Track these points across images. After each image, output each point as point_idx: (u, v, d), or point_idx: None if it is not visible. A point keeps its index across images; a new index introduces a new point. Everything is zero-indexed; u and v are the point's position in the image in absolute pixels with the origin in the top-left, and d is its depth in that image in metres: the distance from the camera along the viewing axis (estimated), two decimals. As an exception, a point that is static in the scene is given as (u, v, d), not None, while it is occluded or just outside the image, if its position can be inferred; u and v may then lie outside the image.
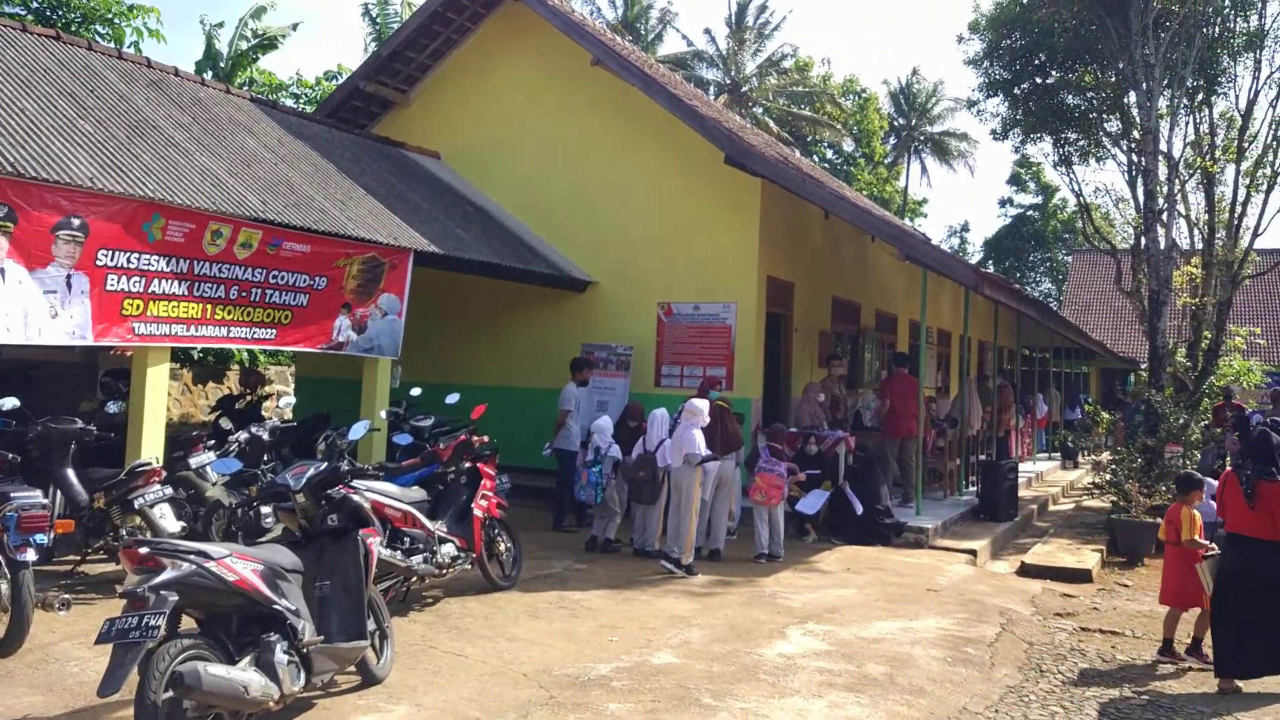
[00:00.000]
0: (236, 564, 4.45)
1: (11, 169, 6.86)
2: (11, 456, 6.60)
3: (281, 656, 4.47)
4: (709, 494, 9.23)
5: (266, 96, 16.14)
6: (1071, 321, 23.79)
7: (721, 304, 12.19)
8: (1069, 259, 43.73)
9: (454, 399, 9.40)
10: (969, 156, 48.91)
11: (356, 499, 5.43)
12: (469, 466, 7.68)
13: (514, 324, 13.44)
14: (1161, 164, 14.93)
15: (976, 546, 10.45)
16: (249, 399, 12.13)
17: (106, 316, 7.52)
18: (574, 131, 13.33)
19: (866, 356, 16.09)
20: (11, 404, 7.30)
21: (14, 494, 5.74)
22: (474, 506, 7.41)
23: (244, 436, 8.90)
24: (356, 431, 6.86)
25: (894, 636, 6.99)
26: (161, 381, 8.23)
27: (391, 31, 17.59)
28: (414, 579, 7.01)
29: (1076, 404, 24.49)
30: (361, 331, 9.75)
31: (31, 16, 14.03)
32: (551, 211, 13.33)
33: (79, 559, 7.45)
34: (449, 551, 7.04)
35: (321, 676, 4.88)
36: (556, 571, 8.60)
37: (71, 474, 7.27)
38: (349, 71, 17.95)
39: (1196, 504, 7.10)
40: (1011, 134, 18.82)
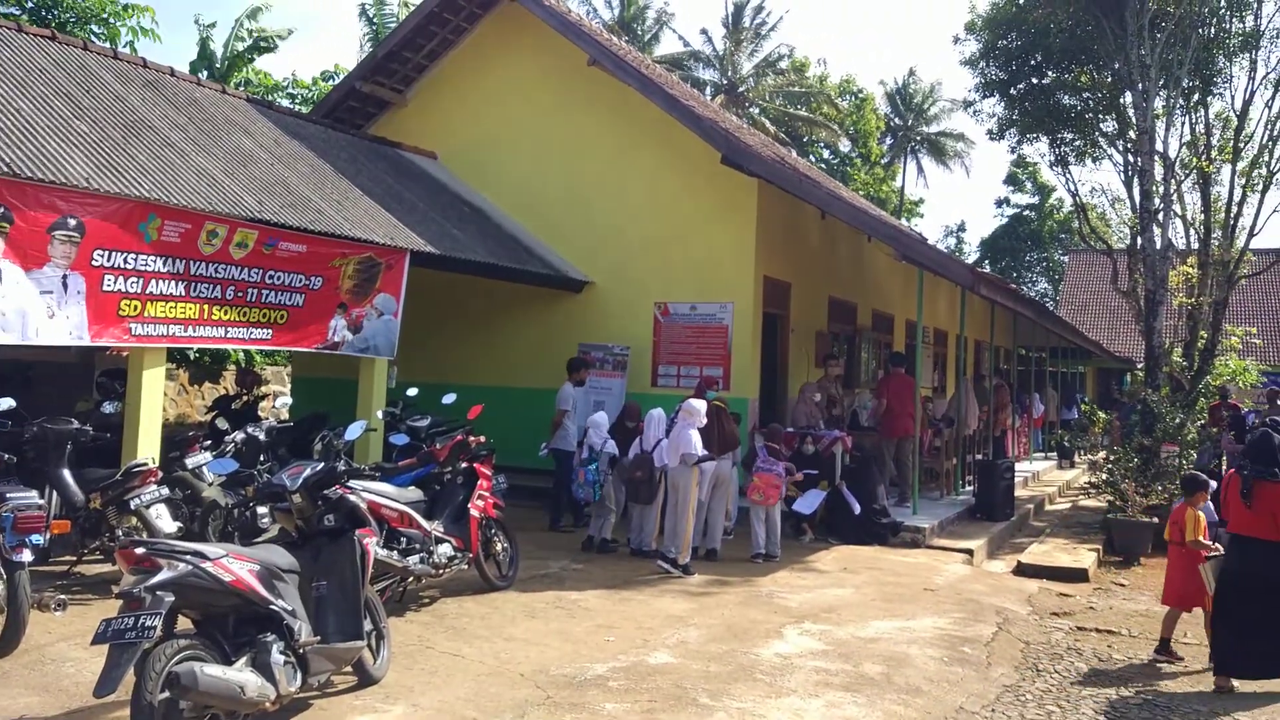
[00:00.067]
0: (233, 564, 4.45)
1: (7, 169, 6.85)
2: (7, 457, 6.59)
3: (278, 657, 4.46)
4: (706, 494, 9.23)
5: (262, 97, 16.12)
6: (1068, 321, 23.83)
7: (718, 304, 12.19)
8: (1065, 259, 43.77)
9: (450, 399, 9.39)
10: (965, 157, 49.02)
11: (353, 499, 5.43)
12: (465, 467, 7.67)
13: (511, 324, 13.44)
14: (1157, 164, 14.94)
15: (973, 546, 10.46)
16: (245, 399, 12.12)
17: (103, 317, 7.51)
18: (570, 132, 13.33)
19: (863, 356, 16.10)
20: (7, 404, 7.28)
21: (10, 494, 5.73)
22: (470, 506, 7.41)
23: (240, 437, 8.88)
24: (353, 432, 6.85)
25: (891, 636, 6.99)
26: (157, 382, 8.22)
27: (389, 32, 17.57)
28: (410, 579, 7.02)
29: (1073, 403, 24.53)
30: (357, 331, 9.74)
31: (27, 16, 14.01)
32: (548, 212, 13.33)
33: (75, 559, 7.44)
34: (445, 552, 7.04)
35: (318, 677, 4.88)
36: (553, 571, 8.60)
37: (67, 474, 7.26)
38: (346, 72, 17.94)
39: (1201, 505, 7.11)
40: (1008, 134, 18.83)
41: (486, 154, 13.87)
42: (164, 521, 7.08)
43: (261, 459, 8.84)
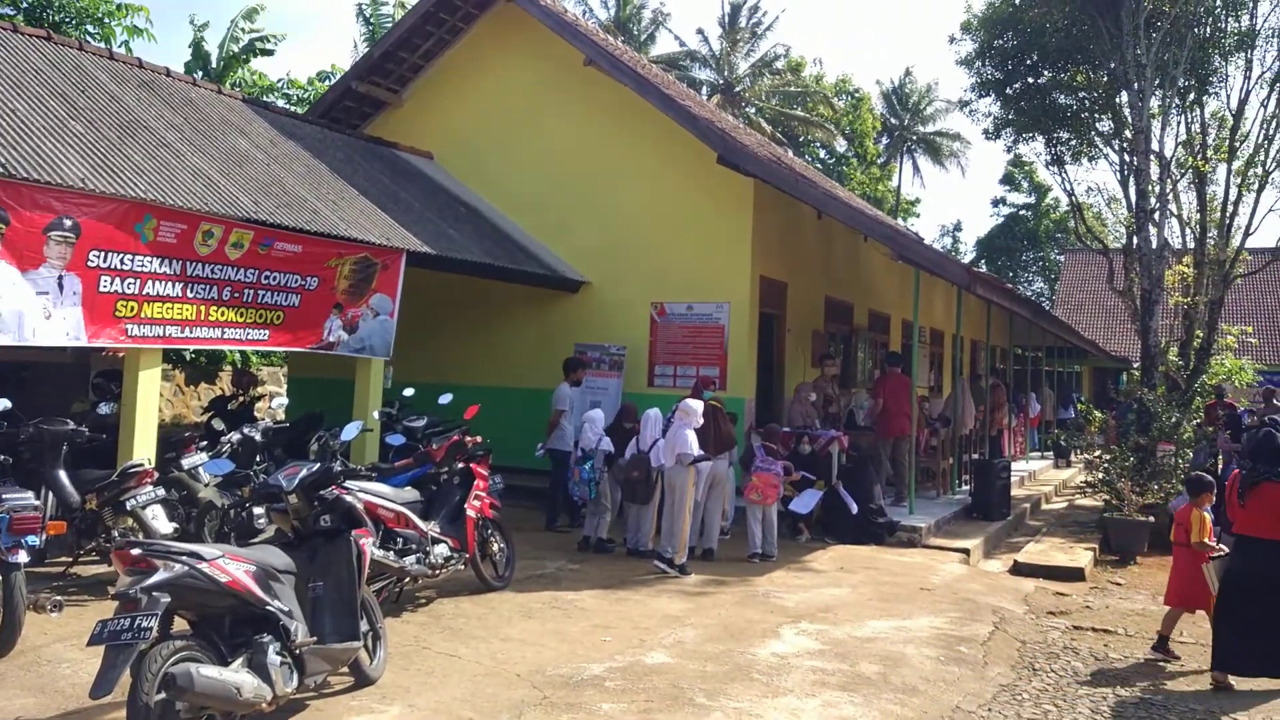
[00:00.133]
0: (229, 565, 4.45)
1: (2, 170, 6.84)
2: (3, 458, 6.58)
3: (274, 658, 4.46)
4: (702, 494, 9.24)
5: (257, 97, 16.10)
6: (1064, 321, 23.86)
7: (715, 304, 12.19)
8: (1061, 258, 43.81)
9: (447, 399, 9.39)
10: (961, 156, 49.07)
11: (349, 500, 5.42)
12: (462, 467, 7.67)
13: (507, 324, 13.43)
14: (1153, 163, 14.96)
15: (969, 545, 10.47)
16: (241, 400, 12.11)
17: (99, 318, 7.50)
18: (567, 132, 13.32)
19: (859, 356, 16.12)
20: (3, 405, 7.26)
21: (6, 495, 5.72)
22: (467, 507, 7.40)
23: (236, 437, 8.87)
24: (349, 432, 6.85)
25: (887, 635, 7.00)
26: (153, 383, 8.22)
27: (385, 32, 17.56)
28: (407, 580, 7.02)
29: (1069, 403, 24.57)
30: (353, 331, 9.74)
31: (22, 16, 13.99)
32: (544, 212, 13.32)
33: (71, 561, 7.42)
34: (442, 552, 7.04)
35: (314, 677, 4.88)
36: (550, 572, 8.60)
37: (63, 475, 7.23)
38: (342, 72, 17.92)
39: (1206, 506, 7.11)
40: (1004, 134, 18.84)
41: (482, 154, 13.86)
42: (160, 522, 7.07)
43: (257, 459, 8.83)
